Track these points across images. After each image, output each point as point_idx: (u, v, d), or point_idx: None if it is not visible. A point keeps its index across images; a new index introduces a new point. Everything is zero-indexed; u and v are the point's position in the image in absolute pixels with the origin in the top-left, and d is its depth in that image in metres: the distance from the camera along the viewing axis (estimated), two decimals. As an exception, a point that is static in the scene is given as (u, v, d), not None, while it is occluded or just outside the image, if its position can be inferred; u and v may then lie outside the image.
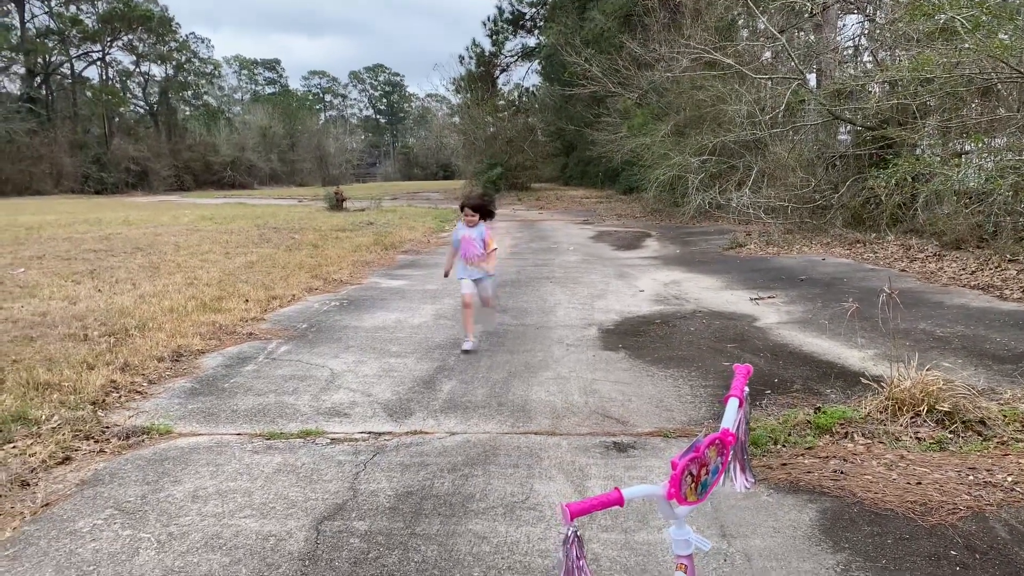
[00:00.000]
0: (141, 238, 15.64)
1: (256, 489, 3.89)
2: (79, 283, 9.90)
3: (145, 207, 29.43)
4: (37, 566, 3.17)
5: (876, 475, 3.92)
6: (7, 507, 3.71)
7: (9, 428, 4.60)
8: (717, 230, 17.15)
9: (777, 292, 9.30)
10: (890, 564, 3.08)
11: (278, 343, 7.03)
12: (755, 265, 11.88)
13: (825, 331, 7.14)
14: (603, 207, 26.33)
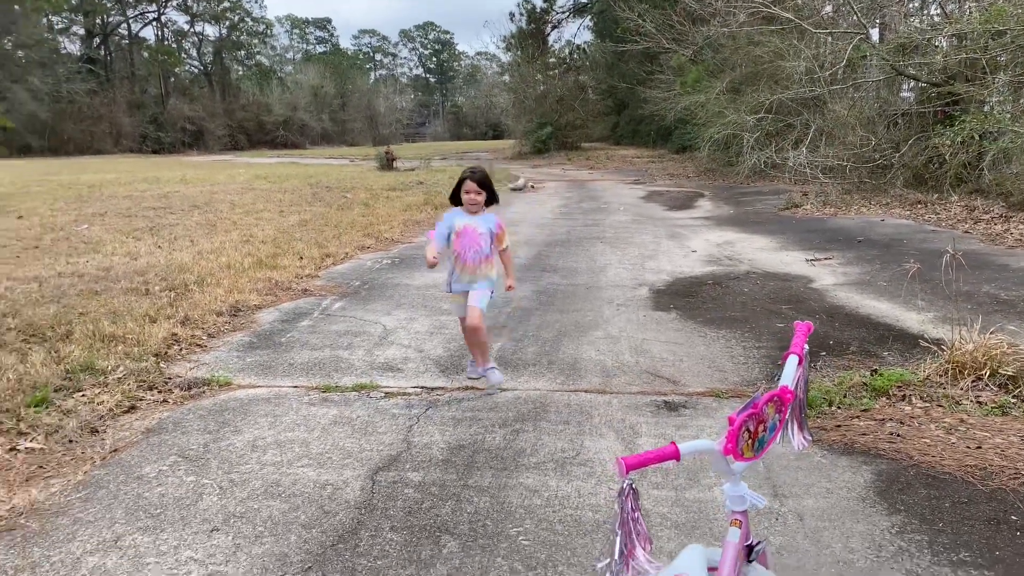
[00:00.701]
0: (198, 196, 15.95)
1: (313, 440, 4.00)
2: (140, 239, 10.17)
3: (201, 166, 29.97)
4: (108, 508, 3.31)
5: (934, 438, 3.84)
6: (78, 452, 3.87)
7: (78, 378, 4.79)
8: (772, 190, 16.80)
9: (834, 253, 9.10)
10: (947, 527, 3.04)
11: (332, 299, 7.15)
12: (811, 226, 11.62)
13: (883, 293, 6.97)
14: (655, 167, 25.97)
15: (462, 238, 4.50)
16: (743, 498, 1.89)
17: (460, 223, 4.50)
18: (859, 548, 2.91)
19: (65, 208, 13.78)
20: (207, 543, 3.01)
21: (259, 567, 2.85)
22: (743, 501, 1.90)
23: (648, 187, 19.40)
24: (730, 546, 1.85)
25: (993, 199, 11.65)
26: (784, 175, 16.58)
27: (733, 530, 1.88)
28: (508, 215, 13.93)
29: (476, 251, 4.52)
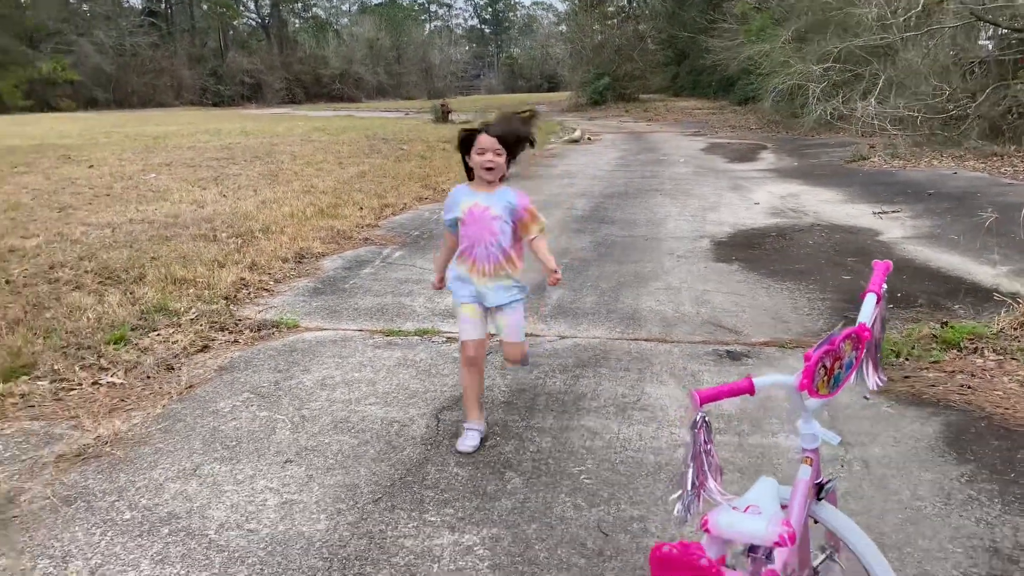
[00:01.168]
0: (259, 148, 16.19)
1: (379, 380, 4.09)
2: (205, 188, 10.40)
3: (260, 119, 30.34)
4: (186, 439, 3.46)
5: (1007, 391, 3.76)
6: (156, 387, 4.04)
7: (153, 318, 4.97)
8: (838, 142, 16.30)
9: (902, 206, 8.83)
10: (1019, 478, 2.98)
11: (392, 248, 7.24)
12: (879, 179, 11.28)
13: (955, 247, 6.76)
14: (715, 118, 25.39)
15: (468, 225, 3.18)
16: (815, 436, 1.89)
17: (466, 203, 3.18)
18: (927, 496, 2.89)
19: (132, 158, 14.14)
20: (281, 473, 3.14)
21: (331, 496, 2.95)
22: (815, 439, 1.89)
23: (709, 139, 19.01)
24: (800, 483, 1.85)
25: (1075, 151, 11.11)
26: (851, 127, 16.03)
27: (804, 468, 1.88)
28: (564, 167, 13.85)
29: (489, 244, 3.15)
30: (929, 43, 16.25)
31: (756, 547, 1.67)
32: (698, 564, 1.34)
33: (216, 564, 2.55)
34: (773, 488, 1.79)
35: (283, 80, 63.49)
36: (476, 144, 3.11)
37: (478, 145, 3.10)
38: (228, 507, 2.89)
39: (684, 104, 33.55)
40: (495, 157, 3.09)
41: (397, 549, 2.62)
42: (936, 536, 2.64)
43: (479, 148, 3.10)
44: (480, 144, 3.10)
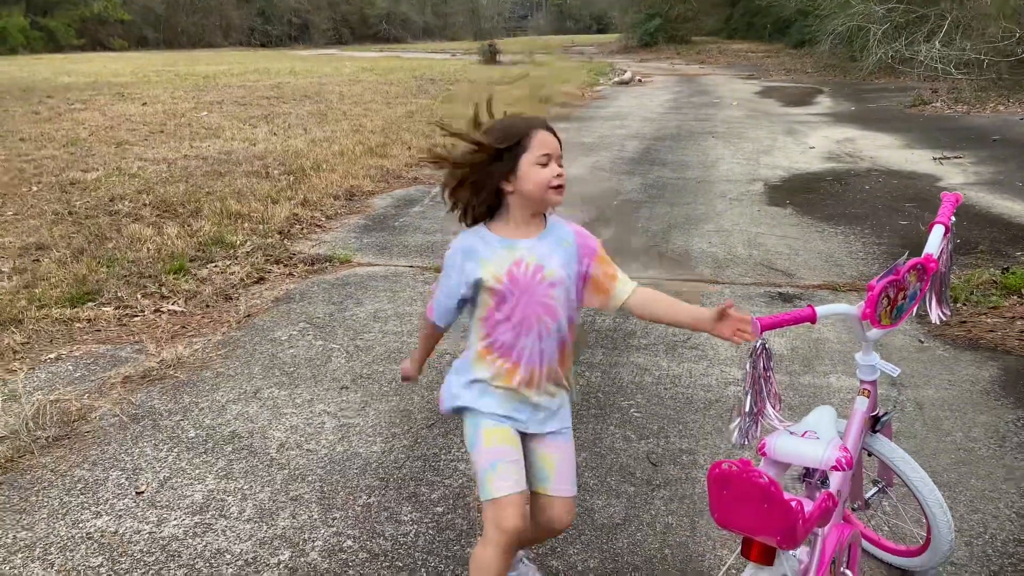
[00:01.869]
0: (308, 87, 16.22)
1: (430, 314, 4.15)
2: (255, 127, 10.49)
3: (308, 59, 30.32)
4: (246, 364, 3.57)
5: (1069, 338, 3.67)
6: (215, 316, 4.16)
7: (210, 250, 5.09)
8: (898, 87, 15.75)
9: (964, 152, 8.54)
10: (1078, 423, 2.94)
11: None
12: (940, 124, 10.90)
13: (1019, 193, 6.55)
14: (770, 61, 24.67)
15: (508, 299, 1.79)
16: (874, 368, 1.89)
17: (499, 261, 1.79)
18: (980, 438, 2.86)
19: (184, 96, 14.28)
20: (338, 399, 3.23)
21: (386, 421, 3.04)
22: (874, 371, 1.90)
23: (763, 82, 18.50)
24: (857, 414, 1.86)
25: None
26: (913, 71, 15.46)
27: (861, 399, 1.89)
28: (615, 108, 13.64)
29: (545, 331, 1.81)
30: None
31: (812, 471, 1.69)
32: (758, 482, 1.36)
33: (278, 480, 2.66)
34: (831, 416, 1.80)
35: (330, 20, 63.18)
36: (531, 147, 1.74)
37: (537, 149, 1.74)
38: (288, 428, 3.00)
39: (738, 47, 32.59)
40: (562, 173, 1.78)
41: (451, 471, 2.70)
42: (989, 476, 2.62)
43: (540, 154, 1.74)
44: (541, 146, 1.75)
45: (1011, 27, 13.76)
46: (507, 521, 1.72)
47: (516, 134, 1.75)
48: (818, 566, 1.63)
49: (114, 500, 2.56)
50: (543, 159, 1.74)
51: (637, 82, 18.84)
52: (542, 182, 1.74)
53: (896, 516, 2.30)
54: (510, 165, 1.75)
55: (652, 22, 33.61)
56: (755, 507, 1.39)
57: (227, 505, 2.52)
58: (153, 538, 2.36)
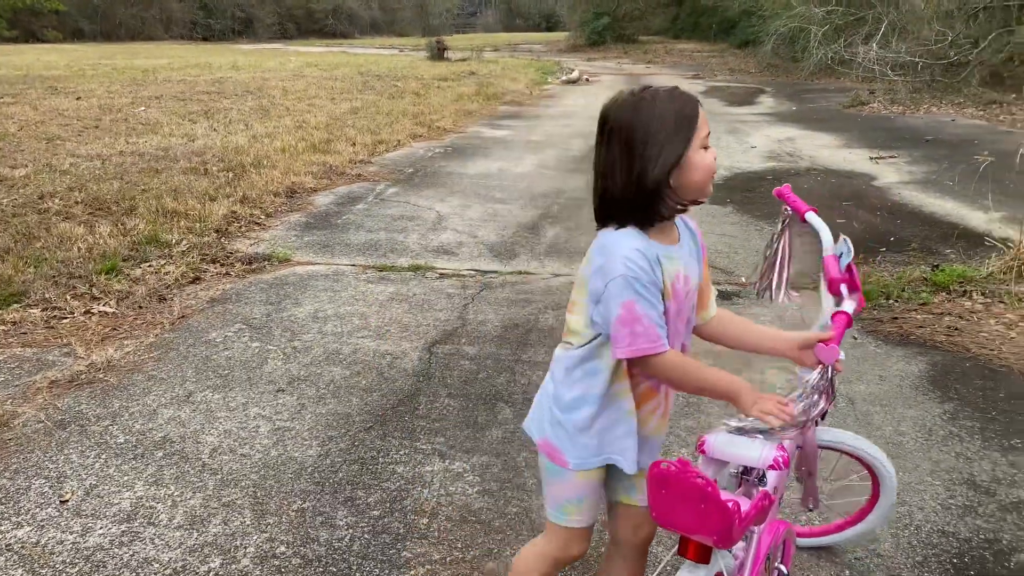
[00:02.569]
0: (250, 82, 15.92)
1: (371, 314, 4.10)
2: (195, 122, 10.25)
3: (251, 53, 29.76)
4: (179, 367, 3.48)
5: (993, 333, 3.80)
6: (148, 317, 4.05)
7: (144, 250, 4.95)
8: (837, 87, 16.12)
9: (899, 152, 8.78)
10: (1000, 416, 3.04)
11: (386, 185, 7.18)
12: (877, 124, 11.19)
13: (949, 192, 6.75)
14: (715, 61, 25.03)
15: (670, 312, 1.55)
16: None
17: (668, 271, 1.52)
18: (909, 432, 2.94)
19: (121, 91, 13.89)
20: (273, 402, 3.16)
21: (323, 424, 2.99)
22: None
23: (708, 82, 18.76)
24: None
25: (1075, 100, 11.03)
26: (851, 72, 15.83)
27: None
28: (562, 107, 13.69)
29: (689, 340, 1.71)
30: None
31: (749, 470, 1.70)
32: (695, 482, 1.38)
33: (210, 486, 2.59)
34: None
35: (275, 15, 62.13)
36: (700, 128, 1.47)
37: (703, 128, 1.48)
38: (221, 433, 2.93)
39: (684, 46, 33.01)
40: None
41: (388, 475, 2.66)
42: (916, 469, 2.69)
43: (705, 135, 1.48)
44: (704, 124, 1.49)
45: (943, 30, 14.18)
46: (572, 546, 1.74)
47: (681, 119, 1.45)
48: (753, 563, 1.65)
49: (36, 510, 2.46)
50: (707, 140, 1.47)
51: (585, 81, 18.93)
52: (704, 168, 1.47)
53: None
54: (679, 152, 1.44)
55: (600, 21, 33.82)
56: (692, 507, 1.40)
57: (156, 512, 2.45)
58: (77, 548, 2.28)
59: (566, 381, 1.62)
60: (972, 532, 2.36)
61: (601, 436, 1.61)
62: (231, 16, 58.99)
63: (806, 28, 17.52)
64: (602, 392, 1.58)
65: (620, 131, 1.48)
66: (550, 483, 1.70)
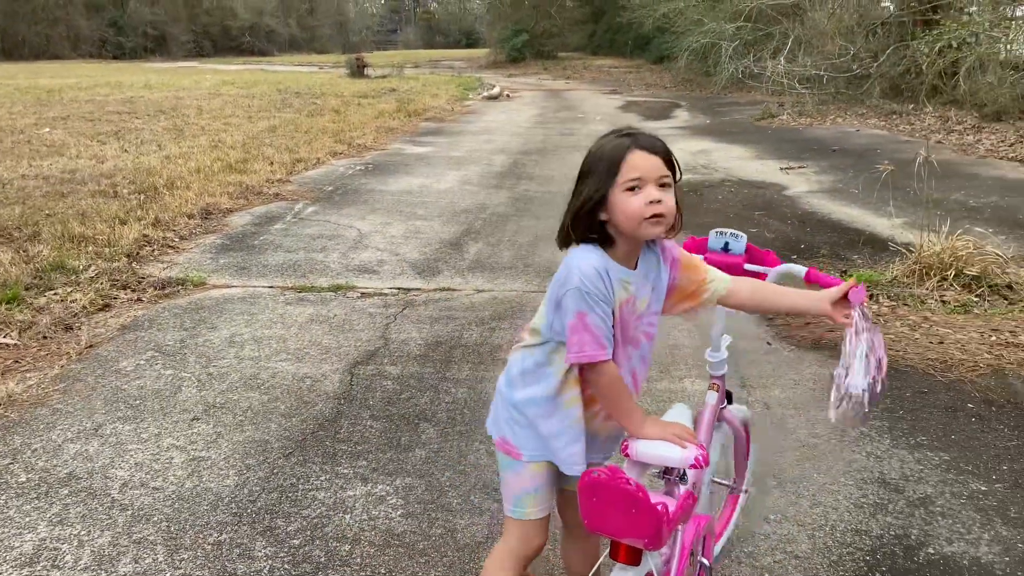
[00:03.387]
0: (163, 101, 15.49)
1: (290, 336, 4.02)
2: (105, 143, 9.91)
3: (165, 72, 29.00)
4: (87, 399, 3.33)
5: (899, 334, 3.96)
6: (53, 348, 3.86)
7: (49, 277, 4.73)
8: (749, 101, 16.67)
9: (808, 162, 9.12)
10: (906, 415, 3.16)
11: (305, 204, 7.07)
12: (787, 136, 11.61)
13: (855, 200, 7.04)
14: (632, 77, 25.58)
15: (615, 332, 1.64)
16: (723, 362, 2.04)
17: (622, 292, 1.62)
18: (823, 434, 3.03)
19: (24, 111, 13.33)
20: (188, 431, 3.06)
21: (241, 452, 2.90)
22: (723, 366, 2.04)
23: (625, 97, 19.16)
24: (708, 408, 2.00)
25: (967, 110, 11.66)
26: (761, 86, 16.41)
27: (711, 394, 2.02)
28: (483, 124, 13.75)
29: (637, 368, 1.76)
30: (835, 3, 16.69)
31: (671, 469, 1.75)
32: (627, 488, 1.44)
33: (119, 523, 2.48)
34: (687, 414, 1.89)
35: (189, 32, 60.66)
36: (626, 166, 1.56)
37: (628, 172, 1.55)
38: (132, 466, 2.81)
39: (601, 62, 33.65)
40: (663, 194, 1.56)
41: (309, 501, 2.60)
42: (830, 471, 2.78)
43: (634, 176, 1.55)
44: (632, 166, 1.56)
45: (846, 45, 14.83)
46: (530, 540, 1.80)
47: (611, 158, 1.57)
48: (679, 559, 1.71)
49: (-73, 559, 2.31)
50: (631, 183, 1.54)
51: (506, 97, 19.08)
52: (632, 214, 1.54)
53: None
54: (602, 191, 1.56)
55: (519, 37, 34.18)
56: (624, 512, 1.46)
57: (61, 554, 2.33)
58: (-27, 598, 2.15)
59: (519, 382, 1.72)
60: (883, 529, 2.44)
61: (548, 441, 1.70)
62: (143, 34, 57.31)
63: (717, 44, 18.06)
64: (551, 395, 1.67)
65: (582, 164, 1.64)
66: (506, 477, 1.78)
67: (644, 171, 1.55)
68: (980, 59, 11.07)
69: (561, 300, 1.58)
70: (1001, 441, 2.95)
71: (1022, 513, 2.50)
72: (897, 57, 13.68)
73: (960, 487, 2.65)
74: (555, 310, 1.62)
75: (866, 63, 14.37)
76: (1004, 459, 2.83)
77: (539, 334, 1.69)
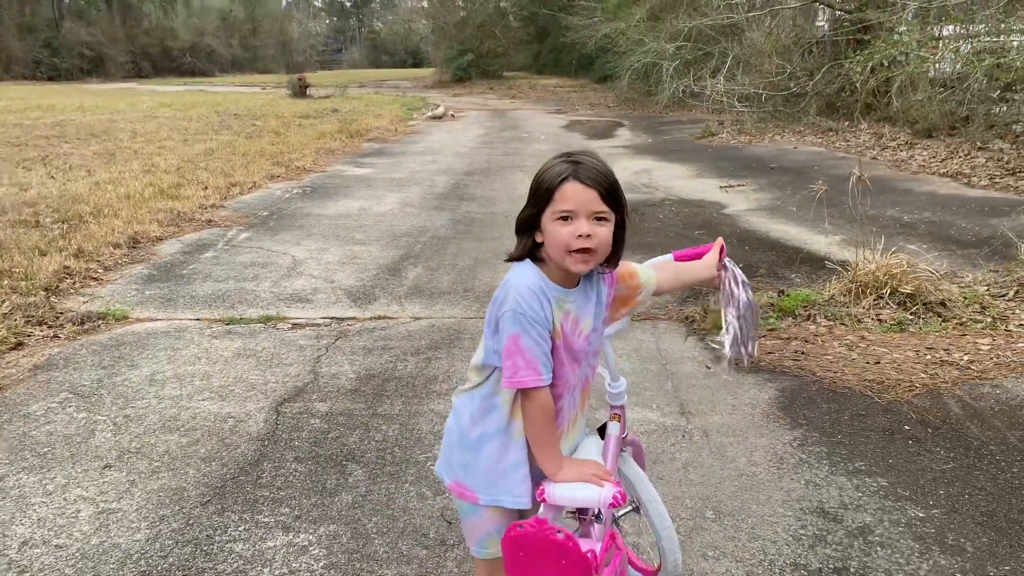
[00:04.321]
0: (96, 124, 15.05)
1: (215, 373, 3.84)
2: (30, 169, 9.54)
3: (101, 94, 28.29)
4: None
5: (836, 355, 3.95)
6: (-43, 392, 3.62)
7: (-43, 314, 4.47)
8: (690, 119, 16.89)
9: (747, 180, 9.22)
10: (845, 439, 3.13)
11: (238, 230, 6.86)
12: (726, 154, 11.75)
13: (793, 217, 7.11)
14: (576, 96, 25.79)
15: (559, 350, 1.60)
16: (622, 393, 2.00)
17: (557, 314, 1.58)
18: (761, 461, 2.98)
19: (-54, 137, 12.82)
20: (99, 480, 2.87)
21: (154, 502, 2.72)
22: (622, 396, 2.00)
23: (569, 116, 19.27)
24: (612, 439, 1.91)
25: (900, 126, 11.97)
26: (702, 105, 16.66)
27: (613, 424, 1.95)
28: (427, 144, 13.66)
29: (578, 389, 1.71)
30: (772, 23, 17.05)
31: (585, 508, 1.68)
32: (555, 539, 1.37)
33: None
34: (597, 445, 1.83)
35: (128, 53, 59.42)
36: (556, 199, 1.52)
37: (560, 202, 1.51)
38: (34, 522, 2.61)
39: (546, 82, 33.93)
40: (594, 228, 1.52)
41: (225, 555, 2.44)
42: (769, 501, 2.72)
43: (561, 209, 1.51)
44: (566, 200, 1.51)
45: (783, 64, 15.14)
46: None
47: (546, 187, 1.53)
48: None
49: None
50: (561, 214, 1.51)
51: (450, 117, 19.03)
52: (559, 243, 1.52)
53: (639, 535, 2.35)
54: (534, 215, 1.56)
55: (464, 57, 34.28)
56: (553, 564, 1.41)
57: (-54, 627, 2.14)
58: None
59: (471, 423, 1.66)
60: (823, 562, 2.38)
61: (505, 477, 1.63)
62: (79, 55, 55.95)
63: (658, 63, 18.30)
64: (503, 426, 1.62)
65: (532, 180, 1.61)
66: (467, 521, 1.74)
67: (576, 204, 1.51)
68: (910, 77, 11.37)
69: (499, 322, 1.55)
70: (937, 464, 2.93)
71: (959, 540, 2.47)
72: (832, 75, 13.99)
73: (898, 514, 2.61)
74: (493, 334, 1.58)
75: (802, 81, 14.67)
76: (940, 483, 2.80)
77: (482, 371, 1.64)
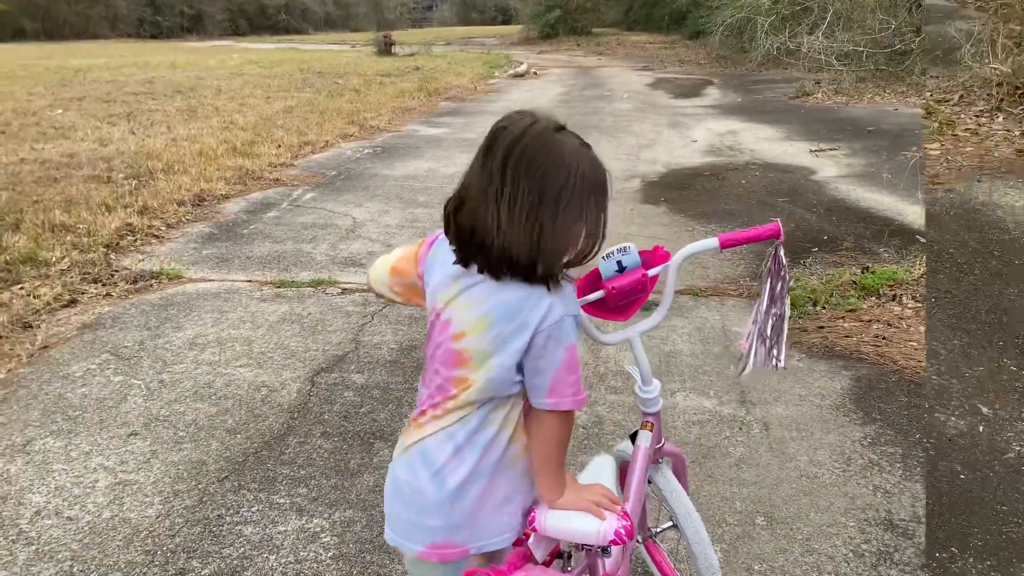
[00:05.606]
0: (184, 82, 15.33)
1: (257, 338, 3.74)
2: (114, 125, 9.73)
3: (195, 51, 28.94)
4: (25, 408, 3.09)
5: (922, 343, 3.55)
6: (5, 349, 3.64)
7: (18, 269, 4.52)
8: (784, 78, 15.99)
9: (840, 144, 8.59)
10: (924, 438, 2.78)
11: (304, 190, 6.79)
12: (820, 115, 11.03)
13: (887, 186, 6.55)
14: (666, 53, 24.84)
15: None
16: (657, 399, 1.67)
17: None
18: (826, 461, 2.67)
19: (43, 92, 13.25)
20: (121, 449, 2.80)
21: (172, 475, 2.63)
22: (657, 402, 1.67)
23: (656, 74, 18.56)
24: (641, 450, 1.65)
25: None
26: (798, 63, 15.72)
27: (644, 434, 1.66)
28: (504, 103, 13.35)
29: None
30: (878, -25, 15.89)
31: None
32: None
33: (19, 560, 2.23)
34: (610, 467, 1.58)
35: (225, 11, 60.80)
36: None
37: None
38: (51, 490, 2.56)
39: (636, 38, 32.83)
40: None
41: (233, 538, 2.32)
42: (829, 508, 2.42)
43: None
44: None
45: (888, 19, 14.11)
46: None
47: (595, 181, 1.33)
48: None
49: None
50: None
51: (532, 75, 18.61)
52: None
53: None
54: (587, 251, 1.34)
55: (552, 13, 33.47)
56: None
57: (-53, 598, 2.09)
58: None
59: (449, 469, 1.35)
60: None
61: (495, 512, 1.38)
62: (180, 13, 57.59)
63: (753, 19, 17.39)
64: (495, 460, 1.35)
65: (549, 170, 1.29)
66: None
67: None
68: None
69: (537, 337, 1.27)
70: None
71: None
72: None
73: (981, 534, 2.28)
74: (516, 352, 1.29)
75: (908, 38, 13.64)
76: None
77: (469, 404, 1.34)
